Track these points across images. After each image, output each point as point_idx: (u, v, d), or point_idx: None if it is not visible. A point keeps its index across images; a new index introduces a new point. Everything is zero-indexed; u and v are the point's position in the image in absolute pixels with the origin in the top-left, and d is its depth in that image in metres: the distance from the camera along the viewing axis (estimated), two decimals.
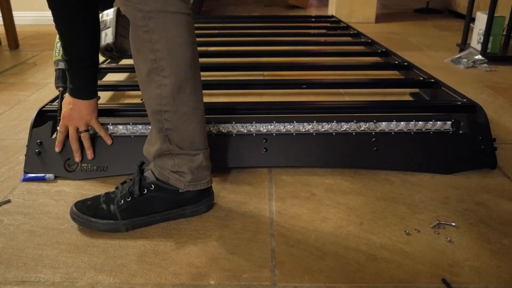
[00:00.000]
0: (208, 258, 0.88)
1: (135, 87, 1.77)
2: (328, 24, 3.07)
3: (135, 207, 0.96)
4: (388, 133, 1.23)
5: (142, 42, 0.88)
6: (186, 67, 0.90)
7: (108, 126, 1.21)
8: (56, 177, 1.17)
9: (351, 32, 2.72)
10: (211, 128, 1.23)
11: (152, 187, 0.97)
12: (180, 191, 0.99)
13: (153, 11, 0.85)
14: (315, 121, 1.24)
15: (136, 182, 0.97)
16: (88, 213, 0.95)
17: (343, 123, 1.24)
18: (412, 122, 1.24)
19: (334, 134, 1.23)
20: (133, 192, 0.96)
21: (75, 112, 1.14)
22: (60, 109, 1.21)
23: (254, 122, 1.23)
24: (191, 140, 0.96)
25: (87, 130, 1.17)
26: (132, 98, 1.81)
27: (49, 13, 1.04)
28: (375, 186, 1.14)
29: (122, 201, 0.96)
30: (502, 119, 1.59)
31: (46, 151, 1.19)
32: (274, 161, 1.22)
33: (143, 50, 0.89)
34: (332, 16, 3.41)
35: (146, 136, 1.10)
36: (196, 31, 0.95)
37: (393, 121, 1.24)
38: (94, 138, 1.20)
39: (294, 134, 1.23)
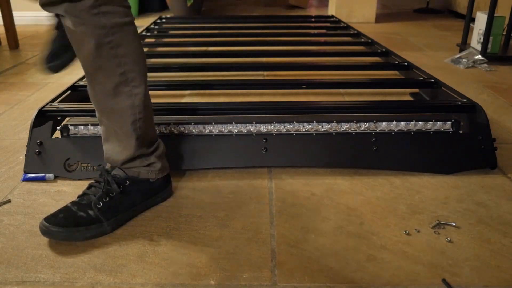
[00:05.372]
0: (208, 258, 0.88)
1: None
2: (328, 24, 3.07)
3: (115, 205, 0.97)
4: (388, 133, 1.23)
5: (107, 59, 0.89)
6: (147, 72, 0.95)
7: None
8: (56, 177, 1.17)
9: (351, 32, 2.71)
10: (212, 129, 1.23)
11: (127, 182, 1.00)
12: (151, 180, 1.03)
13: (115, 25, 0.87)
14: (315, 121, 1.24)
15: (111, 181, 0.98)
16: (69, 225, 0.92)
17: (343, 123, 1.24)
18: (412, 122, 1.24)
19: (334, 134, 1.23)
20: (110, 191, 0.97)
21: None
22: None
23: (254, 122, 1.23)
24: (152, 135, 1.03)
25: None
26: None
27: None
28: (375, 186, 1.14)
29: (100, 203, 0.95)
30: (502, 119, 1.59)
31: (46, 151, 1.19)
32: (274, 161, 1.22)
33: (107, 67, 0.90)
34: (332, 16, 3.41)
35: None
36: (196, 31, 0.96)
37: (393, 121, 1.24)
38: (94, 138, 1.20)
39: (294, 134, 1.23)
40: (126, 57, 0.90)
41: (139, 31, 1.01)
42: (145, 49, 2.48)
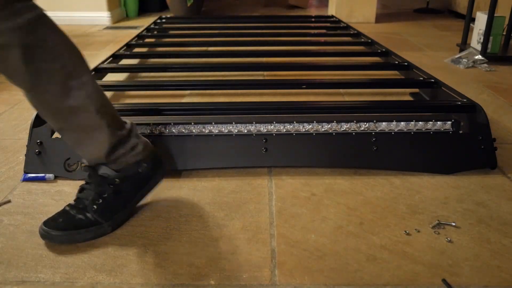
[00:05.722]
0: (208, 258, 0.88)
1: (135, 87, 1.77)
2: (328, 24, 3.07)
3: (110, 205, 0.96)
4: (388, 133, 1.23)
5: (40, 57, 0.80)
6: (83, 57, 0.89)
7: None
8: (56, 177, 1.17)
9: (351, 32, 2.72)
10: (212, 129, 1.23)
11: (116, 180, 0.97)
12: (140, 170, 1.00)
13: (32, 21, 0.79)
14: (315, 121, 1.24)
15: (101, 182, 0.96)
16: (69, 228, 0.92)
17: (343, 123, 1.24)
18: (412, 122, 1.24)
19: (334, 134, 1.23)
20: (102, 192, 0.95)
21: None
22: None
23: (254, 122, 1.23)
24: (118, 116, 0.98)
25: None
26: (132, 98, 1.81)
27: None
28: (375, 186, 1.14)
29: (94, 206, 0.94)
30: (502, 119, 1.59)
31: (46, 151, 1.18)
32: (274, 161, 1.22)
33: (44, 67, 0.82)
34: (332, 16, 3.41)
35: (145, 135, 1.10)
36: (196, 31, 0.95)
37: (393, 121, 1.24)
38: None
39: (294, 134, 1.23)
40: (57, 49, 0.82)
41: (139, 31, 1.01)
42: (145, 49, 2.48)
